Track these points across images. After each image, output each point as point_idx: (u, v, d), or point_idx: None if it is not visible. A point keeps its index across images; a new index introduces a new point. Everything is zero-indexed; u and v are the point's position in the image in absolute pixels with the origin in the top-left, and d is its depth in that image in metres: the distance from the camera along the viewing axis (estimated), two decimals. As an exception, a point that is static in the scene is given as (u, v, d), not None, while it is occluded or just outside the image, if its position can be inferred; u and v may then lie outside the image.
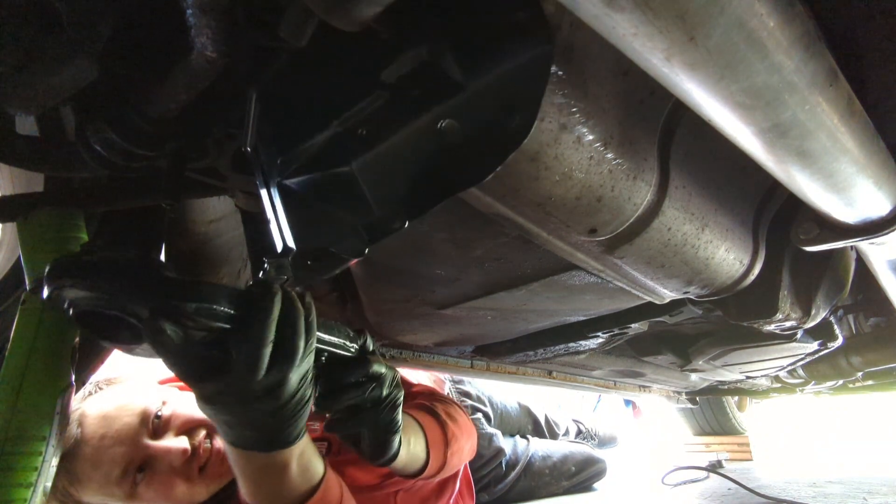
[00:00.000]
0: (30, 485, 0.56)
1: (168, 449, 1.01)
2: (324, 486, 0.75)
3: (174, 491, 1.02)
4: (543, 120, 0.45)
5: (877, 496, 1.82)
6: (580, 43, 0.45)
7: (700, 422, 3.43)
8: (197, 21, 0.37)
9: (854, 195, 0.55)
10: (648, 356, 1.54)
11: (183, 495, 1.03)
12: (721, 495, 2.02)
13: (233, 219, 0.81)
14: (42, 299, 0.59)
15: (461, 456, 1.13)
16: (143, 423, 1.01)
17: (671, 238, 0.63)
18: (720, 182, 0.69)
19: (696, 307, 0.96)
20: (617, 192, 0.54)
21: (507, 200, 0.53)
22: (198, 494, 1.06)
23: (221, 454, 1.07)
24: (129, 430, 0.99)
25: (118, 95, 0.44)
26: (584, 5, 0.31)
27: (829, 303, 0.99)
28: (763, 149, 0.46)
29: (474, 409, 2.21)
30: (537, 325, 1.11)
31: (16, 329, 0.60)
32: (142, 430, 1.01)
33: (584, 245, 0.63)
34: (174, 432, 1.05)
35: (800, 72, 0.38)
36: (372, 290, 0.89)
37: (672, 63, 0.34)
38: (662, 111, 0.57)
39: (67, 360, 0.61)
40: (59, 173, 0.55)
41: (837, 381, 2.01)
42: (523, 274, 0.76)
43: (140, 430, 1.00)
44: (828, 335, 1.34)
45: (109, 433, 0.98)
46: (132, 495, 0.99)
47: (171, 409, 1.07)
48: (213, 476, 1.07)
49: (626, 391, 2.12)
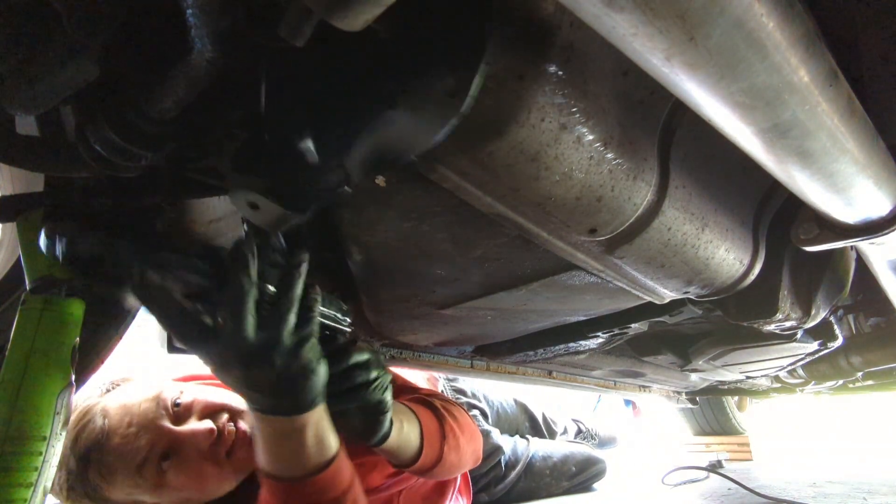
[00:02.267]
0: (30, 485, 0.56)
1: (193, 431, 1.01)
2: (337, 462, 0.74)
3: (204, 475, 1.01)
4: (544, 120, 0.45)
5: (877, 496, 1.82)
6: (580, 43, 0.45)
7: (700, 422, 3.43)
8: (197, 21, 0.37)
9: (854, 195, 0.56)
10: (648, 356, 1.54)
11: (213, 480, 1.03)
12: (721, 495, 2.02)
13: (233, 219, 0.81)
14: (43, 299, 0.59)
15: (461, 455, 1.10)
16: (163, 409, 1.01)
17: (671, 238, 0.63)
18: (720, 182, 0.69)
19: (696, 307, 0.96)
20: (617, 192, 0.54)
21: (507, 200, 0.53)
22: (227, 480, 1.05)
23: (248, 437, 1.06)
24: (152, 416, 0.99)
25: (118, 95, 0.44)
26: (584, 5, 0.31)
27: (829, 303, 0.99)
28: (763, 149, 0.46)
29: (470, 405, 2.20)
30: (537, 325, 1.11)
31: (15, 329, 0.60)
32: (163, 416, 1.00)
33: (585, 245, 0.63)
34: (197, 416, 1.05)
35: (800, 72, 0.38)
36: (372, 290, 0.89)
37: (672, 63, 0.34)
38: (662, 111, 0.57)
39: (67, 360, 0.61)
40: (59, 173, 0.55)
41: (837, 381, 2.00)
42: (523, 274, 0.76)
43: (162, 415, 1.00)
44: (828, 335, 1.34)
45: (134, 421, 0.98)
46: (160, 484, 0.98)
47: (191, 396, 1.07)
48: (240, 460, 1.05)
49: (626, 391, 2.12)
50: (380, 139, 0.45)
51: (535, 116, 0.44)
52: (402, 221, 0.64)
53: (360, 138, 0.45)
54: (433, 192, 0.55)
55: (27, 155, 0.54)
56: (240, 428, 1.06)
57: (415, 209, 0.61)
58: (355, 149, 0.45)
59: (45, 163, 0.55)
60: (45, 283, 0.62)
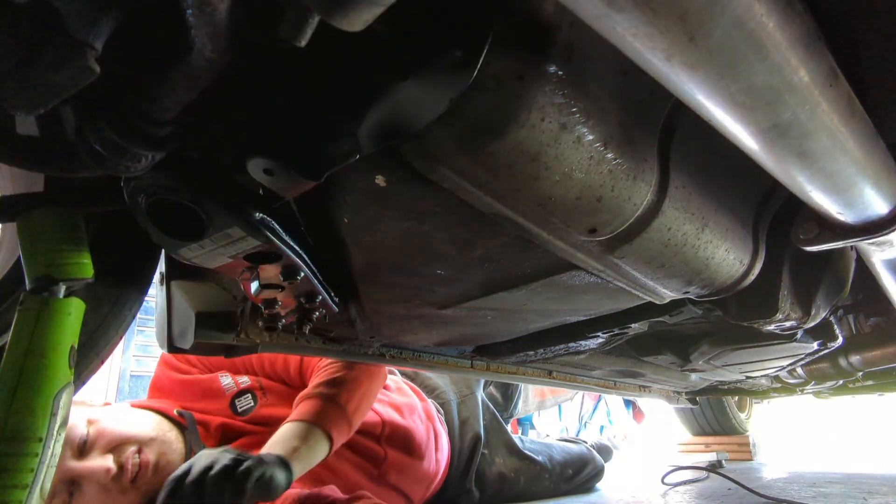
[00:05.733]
0: (25, 486, 0.56)
1: (91, 469, 1.06)
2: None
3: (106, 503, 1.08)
4: (544, 120, 0.45)
5: (877, 496, 1.82)
6: (580, 43, 0.45)
7: (700, 422, 3.43)
8: (197, 21, 0.37)
9: (854, 195, 0.56)
10: (648, 356, 1.53)
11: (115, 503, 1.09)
12: (721, 495, 2.02)
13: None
14: (40, 299, 0.59)
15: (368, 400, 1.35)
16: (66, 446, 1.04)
17: (671, 238, 0.63)
18: (720, 182, 0.69)
19: (696, 307, 0.96)
20: (617, 192, 0.54)
21: (508, 200, 0.53)
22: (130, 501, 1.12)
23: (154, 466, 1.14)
24: None
25: (118, 95, 0.44)
26: (584, 5, 0.31)
27: (829, 303, 0.99)
28: (763, 149, 0.46)
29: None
30: (537, 325, 1.11)
31: (13, 329, 0.60)
32: (65, 453, 1.04)
33: (585, 245, 0.63)
34: (100, 451, 1.09)
35: (800, 72, 0.38)
36: (372, 290, 0.89)
37: (672, 63, 0.34)
38: (662, 111, 0.57)
39: (65, 361, 0.61)
40: (59, 173, 0.55)
41: (837, 381, 2.01)
42: (523, 274, 0.76)
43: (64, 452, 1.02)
44: (828, 335, 1.34)
45: None
46: None
47: (97, 429, 1.11)
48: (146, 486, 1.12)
49: (626, 391, 2.12)
50: (390, 110, 0.45)
51: (535, 116, 0.44)
52: (402, 221, 0.63)
53: (370, 109, 0.46)
54: (433, 192, 0.55)
55: (27, 155, 0.54)
56: (143, 459, 1.13)
57: (415, 209, 0.61)
58: (366, 119, 0.46)
59: (45, 163, 0.55)
60: (44, 283, 0.62)
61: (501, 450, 2.06)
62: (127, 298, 0.86)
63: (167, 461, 1.17)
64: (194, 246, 0.61)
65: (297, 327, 0.88)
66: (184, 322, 0.88)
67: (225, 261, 0.65)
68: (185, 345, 0.88)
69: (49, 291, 0.62)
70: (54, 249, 0.64)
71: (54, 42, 0.36)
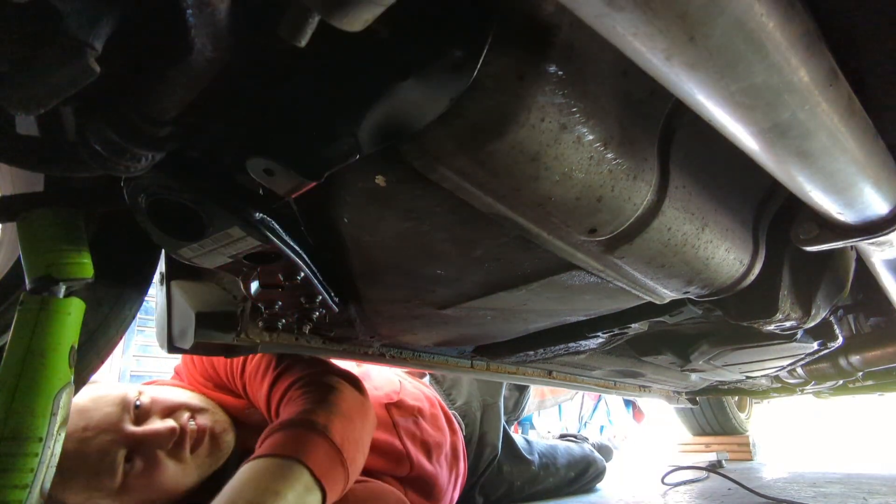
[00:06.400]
0: (25, 486, 0.56)
1: (155, 431, 1.01)
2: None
3: (166, 474, 1.02)
4: (544, 120, 0.45)
5: (877, 496, 1.82)
6: (580, 43, 0.45)
7: (700, 422, 3.43)
8: (197, 21, 0.37)
9: (854, 195, 0.55)
10: (648, 356, 1.53)
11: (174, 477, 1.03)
12: (721, 495, 2.02)
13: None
14: (40, 299, 0.59)
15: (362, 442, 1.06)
16: (123, 411, 1.01)
17: (671, 238, 0.63)
18: (720, 182, 0.69)
19: (696, 307, 0.96)
20: (617, 192, 0.54)
21: (508, 200, 0.53)
22: (188, 476, 1.06)
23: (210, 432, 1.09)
24: (111, 418, 0.99)
25: (118, 95, 0.44)
26: (584, 5, 0.31)
27: (829, 303, 0.99)
28: (763, 149, 0.46)
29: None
30: (537, 325, 1.11)
31: (13, 329, 0.60)
32: (124, 417, 1.00)
33: (585, 245, 0.63)
34: (158, 416, 1.06)
35: (800, 72, 0.38)
36: (372, 290, 0.89)
37: (672, 63, 0.34)
38: (662, 111, 0.57)
39: (65, 361, 0.61)
40: (59, 173, 0.55)
41: (837, 381, 2.01)
42: (523, 274, 0.76)
43: (122, 416, 1.00)
44: (828, 335, 1.34)
45: (91, 424, 0.98)
46: (122, 487, 0.98)
47: (150, 397, 1.08)
48: (204, 455, 1.07)
49: (626, 391, 2.12)
50: (389, 110, 0.45)
51: (535, 116, 0.44)
52: (402, 221, 0.63)
53: (370, 109, 0.46)
54: (433, 192, 0.55)
55: (27, 155, 0.54)
56: (199, 424, 1.08)
57: (415, 209, 0.61)
58: (366, 119, 0.46)
59: (46, 163, 0.55)
60: (44, 283, 0.62)
61: (509, 458, 2.05)
62: (127, 298, 0.86)
63: (222, 429, 1.13)
64: (194, 246, 0.61)
65: (297, 327, 0.88)
66: (184, 322, 0.88)
67: (225, 261, 0.65)
68: (185, 345, 0.88)
69: (49, 291, 0.62)
70: (54, 249, 0.64)
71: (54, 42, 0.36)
